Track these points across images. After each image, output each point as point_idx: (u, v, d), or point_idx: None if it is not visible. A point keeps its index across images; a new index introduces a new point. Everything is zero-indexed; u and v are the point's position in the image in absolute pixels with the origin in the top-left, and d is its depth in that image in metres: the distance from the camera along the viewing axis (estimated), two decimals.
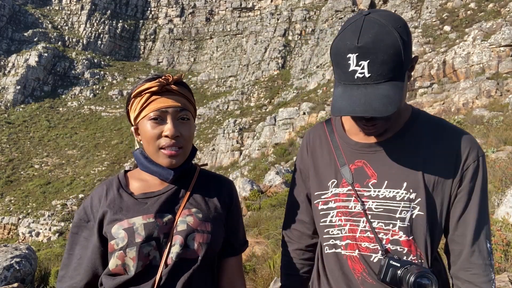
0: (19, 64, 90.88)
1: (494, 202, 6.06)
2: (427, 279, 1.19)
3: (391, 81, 1.14)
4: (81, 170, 67.37)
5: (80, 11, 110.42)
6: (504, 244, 4.34)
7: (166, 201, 1.40)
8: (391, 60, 1.13)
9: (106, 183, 1.48)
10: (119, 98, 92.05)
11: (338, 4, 74.01)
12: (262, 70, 79.01)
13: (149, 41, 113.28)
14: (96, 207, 1.40)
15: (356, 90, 1.15)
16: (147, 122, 1.38)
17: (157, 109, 1.37)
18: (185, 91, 1.44)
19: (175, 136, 1.36)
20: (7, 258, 5.08)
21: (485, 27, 27.50)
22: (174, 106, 1.38)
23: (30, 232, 52.31)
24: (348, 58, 1.15)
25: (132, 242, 1.30)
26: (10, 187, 63.42)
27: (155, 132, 1.36)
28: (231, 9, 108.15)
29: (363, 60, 1.13)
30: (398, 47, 1.13)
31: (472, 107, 20.05)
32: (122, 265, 1.30)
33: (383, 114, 1.11)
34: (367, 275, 1.30)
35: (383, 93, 1.13)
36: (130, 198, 1.41)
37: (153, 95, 1.39)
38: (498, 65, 22.97)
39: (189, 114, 1.42)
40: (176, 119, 1.39)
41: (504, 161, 8.35)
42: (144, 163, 1.43)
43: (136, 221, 1.34)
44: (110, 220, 1.36)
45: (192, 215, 1.38)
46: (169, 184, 1.44)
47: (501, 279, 3.51)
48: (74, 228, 1.42)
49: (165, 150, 1.37)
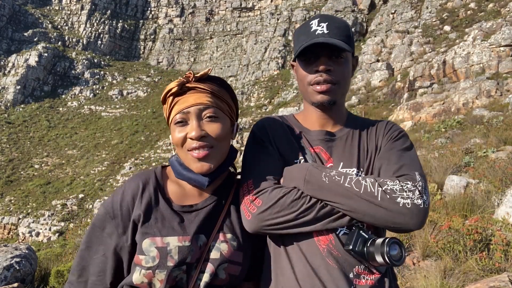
0: (19, 64, 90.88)
1: (494, 202, 6.06)
2: (398, 246, 1.23)
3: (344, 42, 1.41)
4: (81, 170, 67.37)
5: (80, 11, 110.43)
6: (504, 244, 4.34)
7: (204, 219, 1.33)
8: (344, 28, 1.45)
9: (141, 178, 1.38)
10: (119, 98, 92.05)
11: (338, 4, 74.00)
12: (262, 70, 79.01)
13: (149, 41, 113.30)
14: (127, 205, 1.32)
15: (317, 39, 1.41)
16: (174, 127, 1.33)
17: (179, 111, 1.30)
18: (214, 87, 1.35)
19: (201, 137, 1.28)
20: (7, 258, 5.08)
21: (485, 27, 27.49)
22: (196, 104, 1.30)
23: (30, 232, 52.32)
24: (311, 24, 1.46)
25: (164, 265, 1.24)
26: (10, 187, 63.42)
27: (181, 136, 1.30)
28: (231, 9, 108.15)
29: (323, 22, 1.44)
30: (348, 26, 1.49)
31: (472, 107, 20.05)
32: (148, 284, 1.26)
33: (341, 45, 1.38)
34: (333, 246, 1.32)
35: (338, 39, 1.41)
36: (167, 208, 1.33)
37: (175, 96, 1.33)
38: (498, 65, 22.98)
39: (218, 111, 1.32)
40: (202, 119, 1.30)
41: (504, 161, 8.34)
42: (179, 170, 1.36)
43: (171, 241, 1.27)
44: (143, 232, 1.28)
45: (227, 242, 1.33)
46: (207, 197, 1.38)
47: (501, 279, 3.51)
48: (98, 221, 1.34)
49: (193, 152, 1.29)
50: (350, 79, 1.52)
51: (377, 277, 1.32)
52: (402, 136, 1.48)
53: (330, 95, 1.45)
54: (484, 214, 5.63)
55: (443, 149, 12.32)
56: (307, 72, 1.46)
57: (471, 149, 11.15)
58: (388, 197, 1.24)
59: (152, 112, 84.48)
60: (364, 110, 30.43)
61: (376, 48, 45.54)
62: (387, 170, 1.38)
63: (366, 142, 1.50)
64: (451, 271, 4.31)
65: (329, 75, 1.42)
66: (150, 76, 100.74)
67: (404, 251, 1.25)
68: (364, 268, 1.31)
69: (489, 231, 4.72)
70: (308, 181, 1.31)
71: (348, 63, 1.48)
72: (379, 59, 42.86)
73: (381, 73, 37.67)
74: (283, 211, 1.28)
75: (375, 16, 66.69)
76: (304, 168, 1.34)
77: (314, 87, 1.45)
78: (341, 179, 1.28)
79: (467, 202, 6.18)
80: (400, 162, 1.37)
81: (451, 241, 4.66)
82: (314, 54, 1.43)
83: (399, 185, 1.26)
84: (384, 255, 1.21)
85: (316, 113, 1.53)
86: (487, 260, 4.26)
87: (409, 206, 1.23)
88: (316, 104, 1.48)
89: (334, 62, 1.43)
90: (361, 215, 1.26)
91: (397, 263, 1.23)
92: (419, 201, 1.24)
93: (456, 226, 4.80)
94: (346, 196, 1.26)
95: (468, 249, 4.51)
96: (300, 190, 1.32)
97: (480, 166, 8.75)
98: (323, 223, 1.29)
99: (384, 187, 1.26)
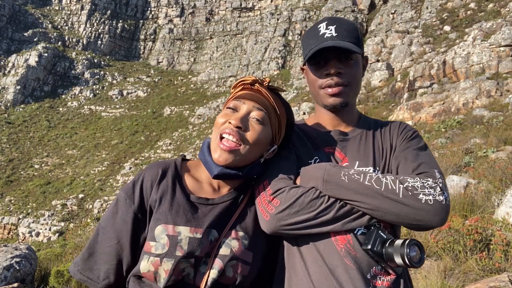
0: (19, 64, 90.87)
1: (494, 202, 6.06)
2: (418, 247, 1.22)
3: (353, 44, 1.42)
4: (81, 170, 67.36)
5: (80, 11, 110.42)
6: (504, 244, 4.34)
7: (219, 214, 1.33)
8: (352, 30, 1.45)
9: (161, 165, 1.40)
10: (119, 98, 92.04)
11: (338, 4, 74.01)
12: (262, 70, 79.00)
13: (149, 41, 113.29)
14: (146, 191, 1.33)
15: (326, 42, 1.42)
16: (223, 110, 1.38)
17: (237, 97, 1.36)
18: (278, 104, 1.40)
19: (237, 126, 1.29)
20: (7, 258, 5.08)
21: (485, 27, 27.49)
22: (253, 101, 1.34)
23: (30, 232, 52.31)
24: (319, 27, 1.47)
25: (172, 254, 1.23)
26: (10, 187, 63.41)
27: (224, 119, 1.33)
28: (231, 9, 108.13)
29: (331, 25, 1.44)
30: (356, 27, 1.50)
31: (472, 107, 20.05)
32: (154, 273, 1.24)
33: (351, 48, 1.38)
34: (351, 246, 1.30)
35: (349, 42, 1.41)
36: (183, 197, 1.33)
37: (243, 89, 1.38)
38: (498, 65, 22.97)
39: (266, 120, 1.35)
40: (249, 116, 1.34)
41: (504, 161, 8.34)
42: (204, 151, 1.39)
43: (182, 231, 1.26)
44: (157, 218, 1.28)
45: (239, 239, 1.31)
46: (225, 194, 1.38)
47: (501, 279, 3.51)
48: (117, 206, 1.33)
49: (223, 140, 1.30)
50: (361, 80, 1.53)
51: (393, 278, 1.30)
52: (417, 136, 1.49)
53: (343, 97, 1.46)
54: (484, 214, 5.63)
55: (443, 149, 12.32)
56: (317, 76, 1.47)
57: (471, 149, 11.15)
58: (410, 194, 1.23)
59: (152, 112, 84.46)
60: (364, 110, 30.41)
61: (376, 48, 45.54)
62: (405, 168, 1.37)
63: (381, 141, 1.50)
64: (451, 271, 4.31)
65: (340, 78, 1.43)
66: (150, 76, 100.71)
67: (424, 253, 1.23)
68: (381, 269, 1.29)
69: (489, 231, 4.72)
70: (326, 180, 1.29)
71: (358, 65, 1.49)
72: (379, 59, 42.86)
73: (381, 73, 37.66)
74: (302, 211, 1.26)
75: (375, 16, 66.69)
76: (322, 167, 1.33)
77: (325, 90, 1.46)
78: (360, 177, 1.27)
79: (467, 202, 6.18)
80: (418, 160, 1.37)
81: (451, 241, 4.66)
82: (324, 57, 1.44)
83: (420, 182, 1.25)
84: (404, 257, 1.19)
85: (328, 116, 1.54)
86: (487, 260, 4.26)
87: (431, 203, 1.22)
88: (328, 107, 1.49)
89: (344, 65, 1.44)
90: (383, 213, 1.24)
91: (417, 265, 1.21)
92: (441, 197, 1.23)
93: (456, 226, 4.80)
94: (367, 194, 1.24)
95: (468, 249, 4.50)
96: (318, 189, 1.30)
97: (480, 166, 8.75)
98: (343, 222, 1.27)
99: (405, 184, 1.24)
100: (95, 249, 1.33)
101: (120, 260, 1.31)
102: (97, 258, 1.32)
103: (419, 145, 1.45)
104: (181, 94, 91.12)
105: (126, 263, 1.32)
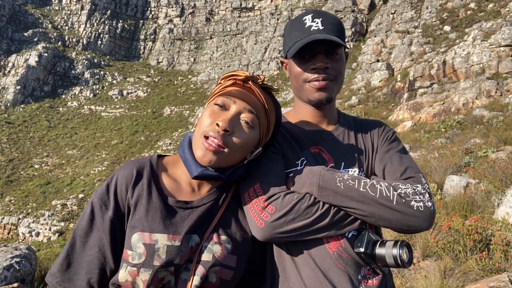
0: (19, 64, 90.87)
1: (494, 202, 6.06)
2: (407, 248, 1.26)
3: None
4: (81, 170, 67.37)
5: (80, 11, 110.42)
6: (504, 244, 4.34)
7: (198, 218, 1.25)
8: (337, 24, 1.43)
9: (136, 165, 1.30)
10: (119, 98, 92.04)
11: (338, 4, 74.00)
12: (262, 70, 78.98)
13: (149, 41, 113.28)
14: (121, 195, 1.25)
15: (315, 35, 1.38)
16: (210, 106, 1.27)
17: (227, 95, 1.25)
18: (270, 106, 1.32)
19: (225, 129, 1.20)
20: (7, 258, 5.08)
21: (485, 27, 27.50)
22: (245, 101, 1.25)
23: (30, 232, 52.31)
24: (304, 19, 1.43)
25: (149, 264, 1.16)
26: (10, 187, 63.41)
27: (210, 120, 1.23)
28: (231, 9, 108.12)
29: (317, 18, 1.42)
30: (340, 21, 1.48)
31: (472, 107, 20.05)
32: (132, 283, 1.18)
33: (339, 42, 1.36)
34: (342, 249, 1.31)
35: (334, 35, 1.39)
36: (160, 201, 1.25)
37: (234, 85, 1.29)
38: (498, 65, 22.97)
39: (256, 124, 1.26)
40: (239, 118, 1.25)
41: (504, 161, 8.34)
42: (184, 147, 1.29)
43: (160, 239, 1.18)
44: (132, 225, 1.21)
45: (221, 244, 1.24)
46: (204, 196, 1.30)
47: (501, 279, 3.51)
48: (93, 213, 1.25)
49: (207, 140, 1.21)
50: (344, 75, 1.52)
51: (380, 277, 1.33)
52: (396, 138, 1.52)
53: (328, 92, 1.44)
54: (484, 214, 5.63)
55: (443, 149, 12.32)
56: (302, 70, 1.44)
57: (471, 149, 11.15)
58: (404, 201, 1.25)
59: (152, 112, 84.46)
60: (364, 110, 30.42)
61: (376, 48, 45.54)
62: (392, 171, 1.39)
63: (362, 141, 1.51)
64: (451, 271, 4.31)
65: (326, 72, 1.42)
66: (150, 76, 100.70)
67: (412, 253, 1.27)
68: (369, 269, 1.33)
69: (489, 231, 4.72)
70: (322, 187, 1.28)
71: (343, 59, 1.47)
72: (379, 59, 42.86)
73: (381, 73, 37.66)
74: (298, 218, 1.25)
75: (375, 16, 66.71)
76: (316, 172, 1.31)
77: (311, 84, 1.43)
78: (355, 184, 1.27)
79: (467, 202, 6.18)
80: (403, 164, 1.40)
81: (451, 241, 4.66)
82: (310, 50, 1.41)
83: (411, 188, 1.29)
84: (396, 258, 1.23)
85: (310, 111, 1.51)
86: (487, 260, 4.26)
87: (422, 209, 1.26)
88: (313, 102, 1.46)
89: (330, 59, 1.42)
90: (377, 219, 1.26)
91: (407, 265, 1.25)
92: (429, 204, 1.28)
93: (456, 226, 4.80)
94: (362, 201, 1.25)
95: (468, 249, 4.51)
96: (312, 195, 1.29)
97: (480, 166, 8.75)
98: (337, 227, 1.29)
99: (398, 191, 1.27)
100: (73, 258, 1.24)
101: (103, 269, 1.24)
102: (77, 268, 1.24)
103: (400, 147, 1.48)
104: (181, 94, 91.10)
105: (109, 271, 1.25)
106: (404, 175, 1.36)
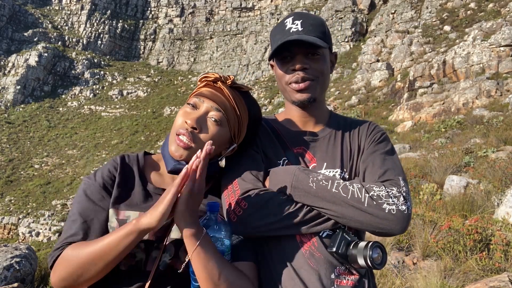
0: (19, 64, 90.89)
1: (494, 202, 6.06)
2: (380, 249, 1.26)
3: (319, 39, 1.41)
4: (81, 170, 67.37)
5: (80, 11, 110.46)
6: (504, 244, 4.34)
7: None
8: (318, 25, 1.45)
9: (124, 157, 1.43)
10: (119, 98, 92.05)
11: (338, 4, 73.98)
12: (262, 70, 79.01)
13: (149, 41, 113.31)
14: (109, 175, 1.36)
15: (290, 36, 1.41)
16: (184, 107, 1.36)
17: (197, 95, 1.35)
18: (240, 106, 1.37)
19: (192, 127, 1.29)
20: (7, 258, 5.08)
21: (485, 27, 27.50)
22: (213, 100, 1.33)
23: (30, 232, 52.32)
24: (285, 22, 1.47)
25: None
26: (10, 187, 63.42)
27: (182, 119, 1.32)
28: (231, 9, 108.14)
29: (297, 20, 1.45)
30: (323, 22, 1.49)
31: (472, 107, 20.05)
32: None
33: (315, 42, 1.37)
34: (315, 248, 1.32)
35: (314, 36, 1.41)
36: (140, 185, 1.36)
37: (206, 86, 1.37)
38: (498, 65, 22.97)
39: (224, 121, 1.33)
40: (207, 116, 1.32)
41: (504, 161, 8.35)
42: (165, 145, 1.39)
43: (131, 215, 1.27)
44: (112, 202, 1.31)
45: None
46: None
47: (501, 279, 3.51)
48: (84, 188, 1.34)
49: (179, 136, 1.31)
50: (329, 75, 1.52)
51: (356, 278, 1.33)
52: (385, 139, 1.51)
53: (309, 92, 1.45)
54: (484, 214, 5.64)
55: (443, 149, 12.32)
56: (283, 72, 1.46)
57: (471, 149, 11.15)
58: (375, 203, 1.25)
59: (152, 112, 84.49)
60: (364, 110, 30.42)
61: (376, 48, 45.54)
62: (372, 173, 1.39)
63: (349, 142, 1.51)
64: (451, 271, 4.31)
65: (305, 73, 1.43)
66: (150, 76, 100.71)
67: (386, 255, 1.27)
68: (345, 269, 1.33)
69: (489, 231, 4.72)
70: (295, 186, 1.30)
71: (325, 60, 1.47)
72: (379, 59, 42.86)
73: (381, 73, 37.66)
74: (269, 214, 1.28)
75: (375, 16, 66.70)
76: (291, 172, 1.33)
77: (292, 86, 1.45)
78: (328, 184, 1.28)
79: (467, 202, 6.19)
80: (384, 166, 1.39)
81: (451, 241, 4.66)
82: (290, 52, 1.43)
83: (385, 191, 1.28)
84: (366, 258, 1.23)
85: (297, 112, 1.53)
86: (487, 260, 4.26)
87: (394, 212, 1.25)
88: (296, 103, 1.48)
89: (310, 60, 1.43)
90: (348, 220, 1.27)
91: (378, 267, 1.25)
92: (403, 207, 1.27)
93: (456, 226, 4.80)
94: (333, 202, 1.26)
95: (468, 249, 4.51)
96: (286, 193, 1.31)
97: (480, 166, 8.76)
98: (308, 226, 1.30)
99: (370, 193, 1.27)
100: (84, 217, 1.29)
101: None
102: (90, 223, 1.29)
103: (386, 149, 1.47)
104: (181, 94, 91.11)
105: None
106: (383, 177, 1.35)
